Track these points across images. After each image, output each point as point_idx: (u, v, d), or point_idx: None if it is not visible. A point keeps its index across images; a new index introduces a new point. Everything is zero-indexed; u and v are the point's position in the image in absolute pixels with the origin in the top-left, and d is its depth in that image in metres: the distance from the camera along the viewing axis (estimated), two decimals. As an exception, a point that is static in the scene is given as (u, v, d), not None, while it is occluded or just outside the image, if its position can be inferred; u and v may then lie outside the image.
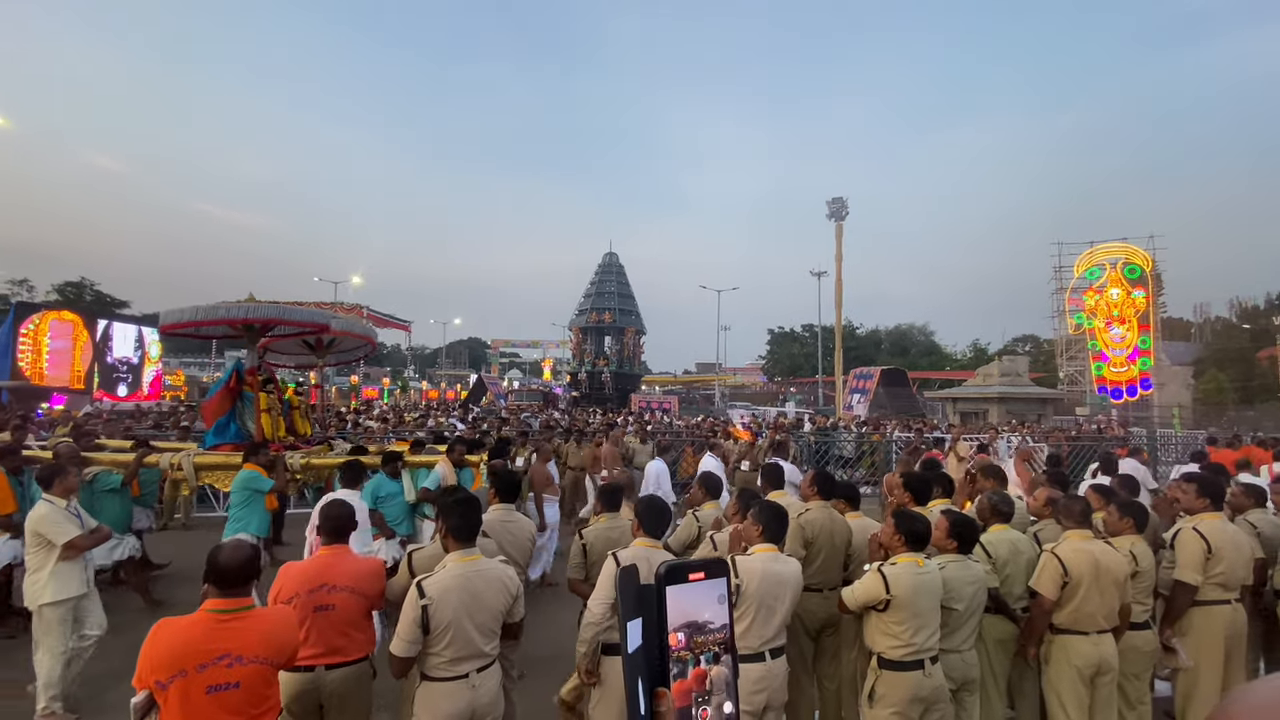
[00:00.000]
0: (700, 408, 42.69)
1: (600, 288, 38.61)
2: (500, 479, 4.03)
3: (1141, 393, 29.14)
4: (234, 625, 2.25)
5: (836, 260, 27.22)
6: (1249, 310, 53.28)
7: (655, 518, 3.11)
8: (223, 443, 6.26)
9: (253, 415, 6.33)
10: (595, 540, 3.54)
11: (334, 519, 3.06)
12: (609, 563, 2.90)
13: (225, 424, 6.34)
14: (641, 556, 2.83)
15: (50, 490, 4.08)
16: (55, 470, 4.21)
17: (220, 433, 6.32)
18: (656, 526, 3.12)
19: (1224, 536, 3.57)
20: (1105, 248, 30.05)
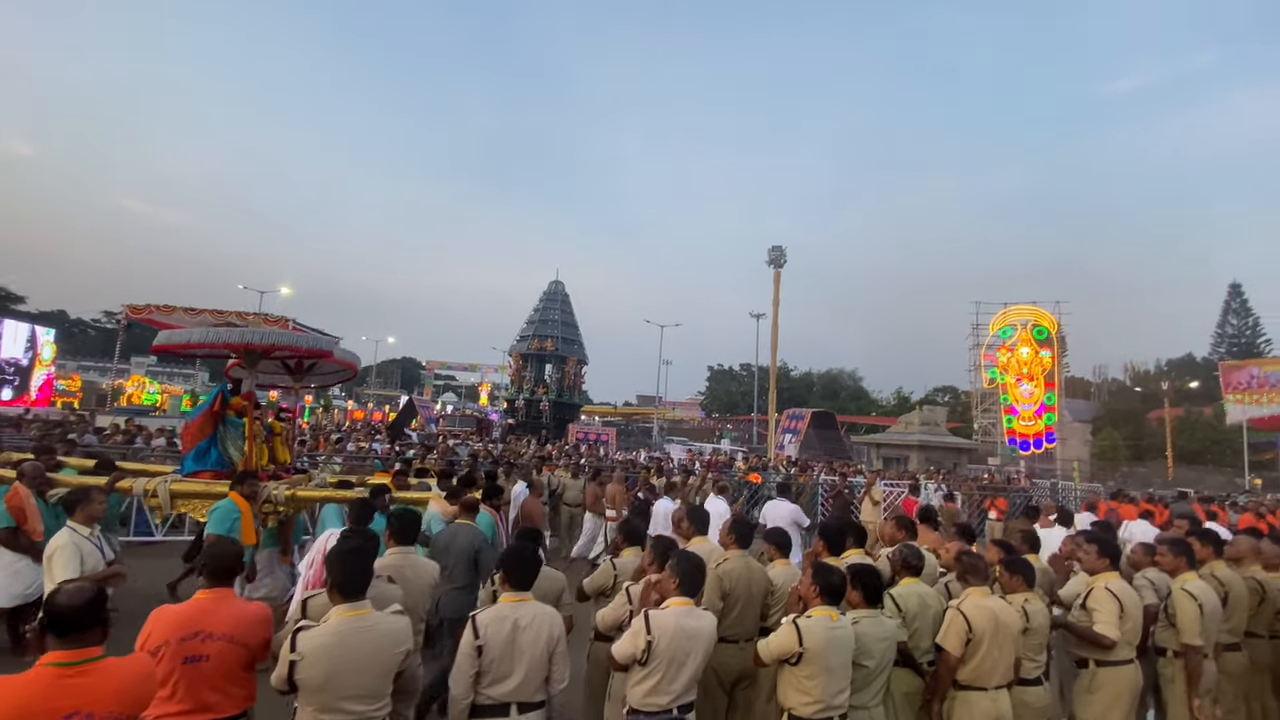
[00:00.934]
0: (638, 440, 42.68)
1: (544, 314, 38.33)
2: (398, 519, 3.84)
3: (1047, 446, 31.29)
4: (80, 680, 1.98)
5: (774, 305, 28.24)
6: (1141, 374, 58.61)
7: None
8: (203, 469, 5.91)
9: (235, 441, 6.05)
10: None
11: (218, 557, 2.80)
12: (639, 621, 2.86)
13: (206, 449, 5.99)
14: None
15: (74, 517, 3.89)
16: (80, 495, 4.02)
17: (200, 459, 5.96)
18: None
19: (1129, 596, 3.76)
20: (1017, 309, 32.49)
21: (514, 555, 3.06)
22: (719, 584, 3.55)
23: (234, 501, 4.88)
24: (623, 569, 3.95)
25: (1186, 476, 33.47)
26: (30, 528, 4.74)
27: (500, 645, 2.71)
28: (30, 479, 4.85)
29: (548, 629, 2.80)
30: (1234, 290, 53.85)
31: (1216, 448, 39.63)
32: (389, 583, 3.31)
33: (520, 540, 3.49)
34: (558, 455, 17.01)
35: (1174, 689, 3.92)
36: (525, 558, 3.02)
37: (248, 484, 5.11)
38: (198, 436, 6.04)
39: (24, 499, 4.77)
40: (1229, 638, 4.15)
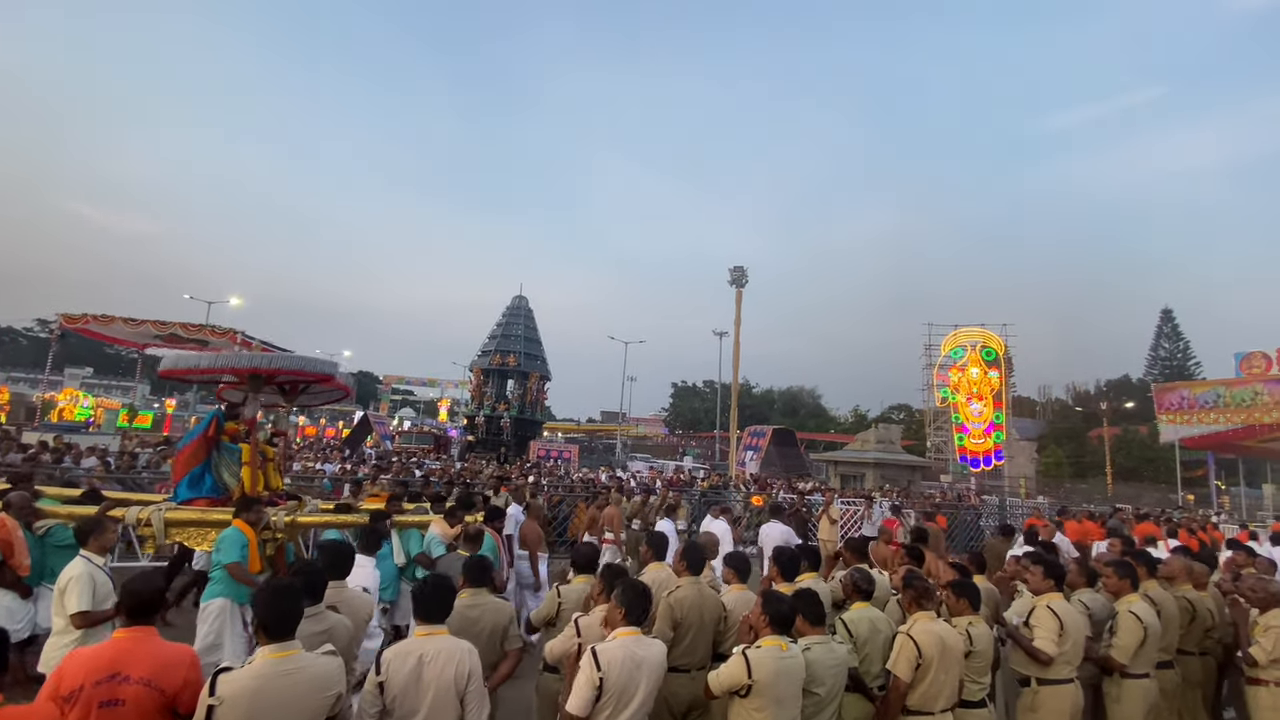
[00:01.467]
0: (601, 458, 42.38)
1: (507, 329, 37.93)
2: (329, 552, 3.68)
3: (996, 463, 32.40)
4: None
5: (735, 324, 28.56)
6: (1082, 394, 61.53)
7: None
8: (197, 496, 5.71)
9: (230, 467, 5.89)
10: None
11: (137, 594, 2.60)
12: (587, 660, 2.72)
13: (200, 476, 5.81)
14: None
15: (87, 546, 3.81)
16: (94, 525, 3.94)
17: (195, 485, 5.77)
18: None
19: (1070, 616, 3.86)
20: (966, 331, 33.76)
21: (425, 586, 2.91)
22: (671, 613, 3.50)
23: (240, 529, 4.75)
24: (568, 597, 3.85)
25: (1124, 493, 35.07)
26: (16, 562, 4.48)
27: (403, 682, 2.58)
28: (18, 510, 4.62)
29: (455, 664, 2.65)
30: (1166, 316, 57.19)
31: (1151, 465, 41.75)
32: (334, 611, 3.17)
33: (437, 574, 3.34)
34: (518, 474, 16.72)
35: (1118, 709, 4.03)
36: (437, 588, 2.89)
37: (253, 510, 4.96)
38: (190, 462, 5.83)
39: (11, 531, 4.49)
40: (1162, 656, 4.30)
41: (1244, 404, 16.32)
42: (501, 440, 35.10)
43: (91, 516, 4.33)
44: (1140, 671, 4.01)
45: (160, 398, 55.28)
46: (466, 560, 3.67)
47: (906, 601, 3.61)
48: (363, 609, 3.56)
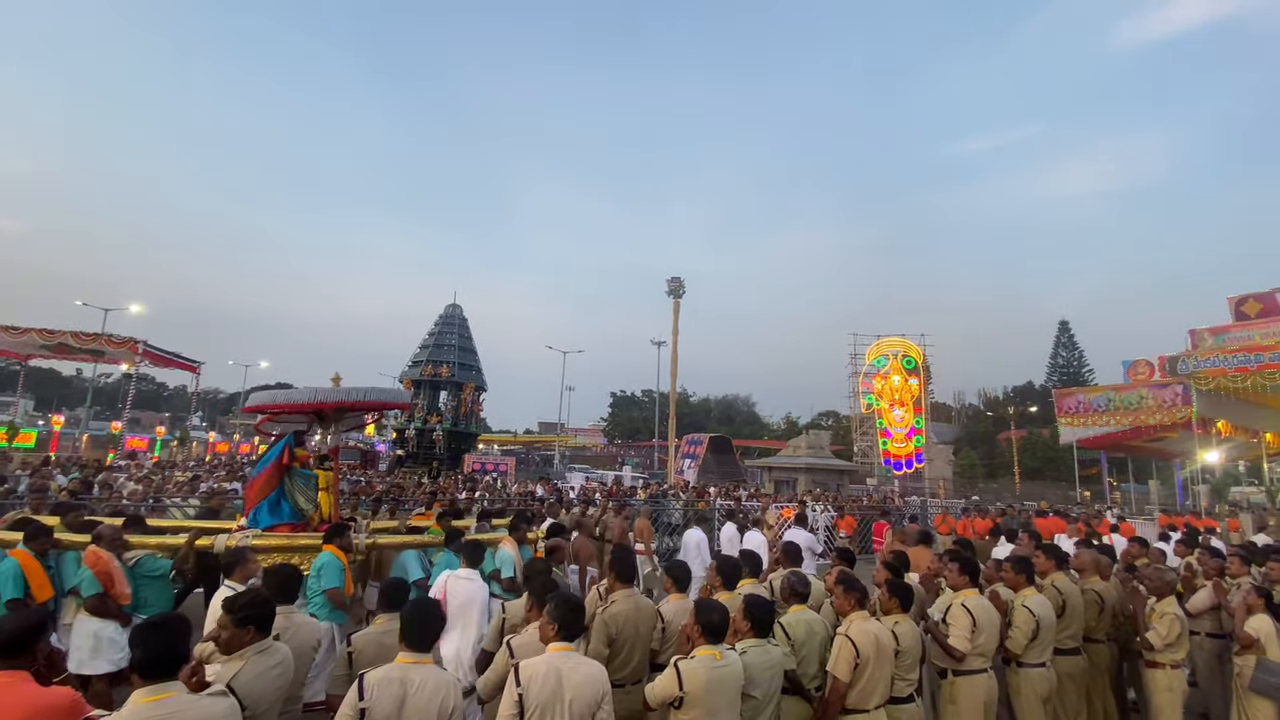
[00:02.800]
0: (539, 470, 41.67)
1: (440, 339, 36.71)
2: (273, 576, 3.43)
3: (917, 466, 34.14)
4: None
5: (673, 334, 28.96)
6: (992, 400, 65.88)
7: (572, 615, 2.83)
8: (279, 523, 5.84)
9: (305, 493, 6.05)
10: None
11: (10, 631, 2.30)
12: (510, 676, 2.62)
13: (276, 502, 5.93)
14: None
15: (231, 577, 3.97)
16: (238, 557, 4.11)
17: (275, 512, 5.90)
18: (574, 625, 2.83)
19: (983, 611, 4.05)
20: (888, 341, 35.54)
21: (415, 610, 2.78)
22: (605, 629, 3.44)
23: (335, 555, 4.90)
24: (512, 613, 3.71)
25: (1030, 491, 37.79)
26: (118, 591, 4.55)
27: (386, 711, 2.45)
28: (109, 541, 4.67)
29: (441, 697, 2.55)
30: (1063, 327, 62.18)
31: (1053, 465, 45.21)
32: (274, 639, 2.94)
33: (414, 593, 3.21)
34: (450, 488, 16.17)
35: (1020, 698, 4.27)
36: (425, 614, 2.76)
37: (345, 536, 5.11)
38: (265, 489, 5.91)
39: (108, 562, 4.56)
40: (1070, 643, 4.60)
41: (1131, 407, 17.91)
42: (434, 454, 33.83)
43: (234, 549, 4.49)
44: (1036, 661, 4.25)
45: (46, 414, 49.90)
46: (383, 586, 3.51)
47: (841, 602, 3.69)
48: (311, 637, 3.32)
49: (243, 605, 2.76)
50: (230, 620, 2.69)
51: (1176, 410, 16.74)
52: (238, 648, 2.68)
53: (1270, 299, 16.86)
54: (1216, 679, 5.27)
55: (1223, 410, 17.56)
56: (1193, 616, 5.21)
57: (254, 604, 2.80)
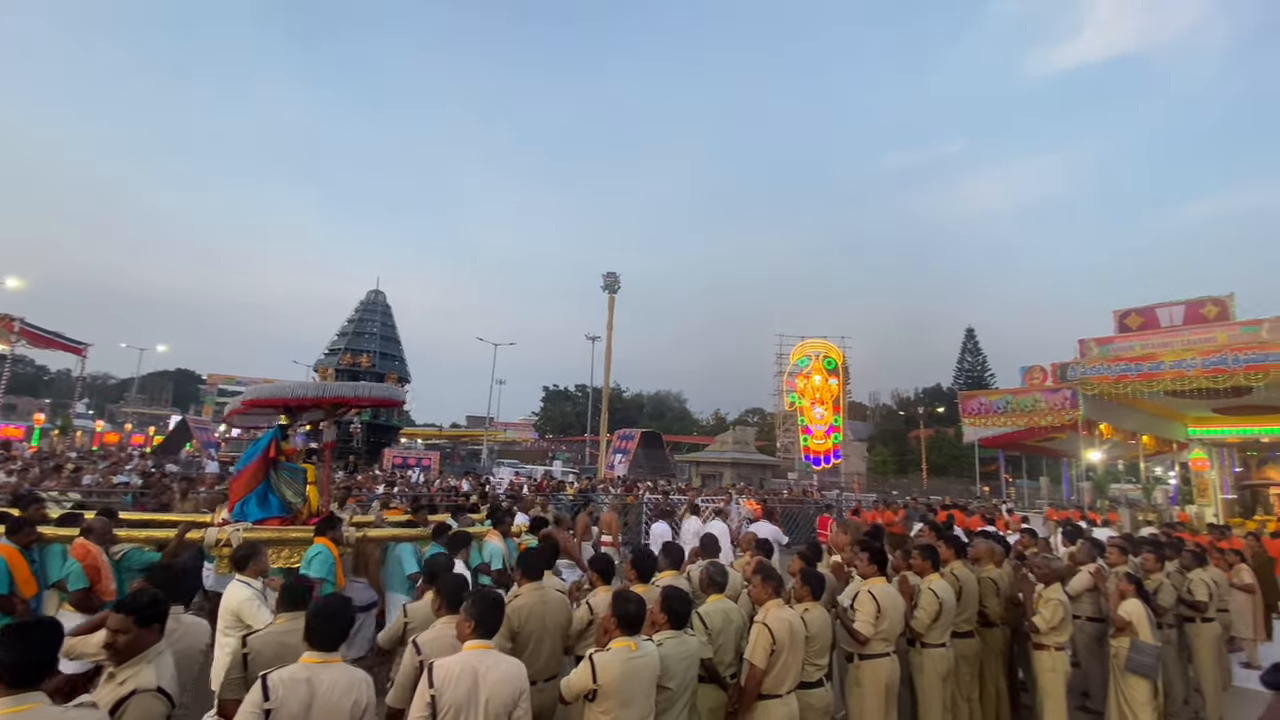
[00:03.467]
0: (466, 465, 40.57)
1: (361, 327, 35.04)
2: (164, 573, 3.13)
3: (835, 461, 35.69)
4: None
5: (608, 329, 28.89)
6: (905, 400, 69.84)
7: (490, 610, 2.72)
8: (268, 516, 5.82)
9: (293, 486, 6.04)
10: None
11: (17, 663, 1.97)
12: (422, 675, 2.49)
13: (264, 495, 5.92)
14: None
15: (245, 571, 3.99)
16: (251, 551, 4.13)
17: (263, 505, 5.89)
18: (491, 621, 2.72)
19: (888, 598, 4.23)
20: (812, 342, 36.92)
21: (322, 610, 2.61)
22: (508, 623, 3.36)
23: (326, 547, 4.88)
24: (415, 616, 3.54)
25: (936, 486, 40.39)
26: (103, 587, 4.43)
27: (293, 713, 2.30)
28: (99, 535, 4.59)
29: (354, 698, 2.41)
30: (969, 334, 66.65)
31: (957, 462, 48.50)
32: None
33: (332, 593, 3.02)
34: (367, 484, 15.43)
35: (922, 676, 4.52)
36: (332, 612, 2.59)
37: (337, 529, 5.13)
38: (251, 483, 5.90)
39: (97, 556, 4.47)
40: (965, 626, 4.91)
41: (1026, 409, 19.41)
42: (351, 448, 32.29)
43: (247, 542, 4.49)
44: (937, 642, 4.52)
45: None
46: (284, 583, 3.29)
47: (758, 591, 3.77)
48: (199, 640, 3.07)
49: (147, 603, 2.51)
50: (133, 621, 2.43)
51: (1065, 413, 18.29)
52: (141, 649, 2.44)
53: (1150, 313, 18.66)
54: (1096, 659, 5.76)
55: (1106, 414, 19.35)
56: (1074, 599, 5.68)
57: (157, 601, 2.56)
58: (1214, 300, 17.61)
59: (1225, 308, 17.36)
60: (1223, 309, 17.39)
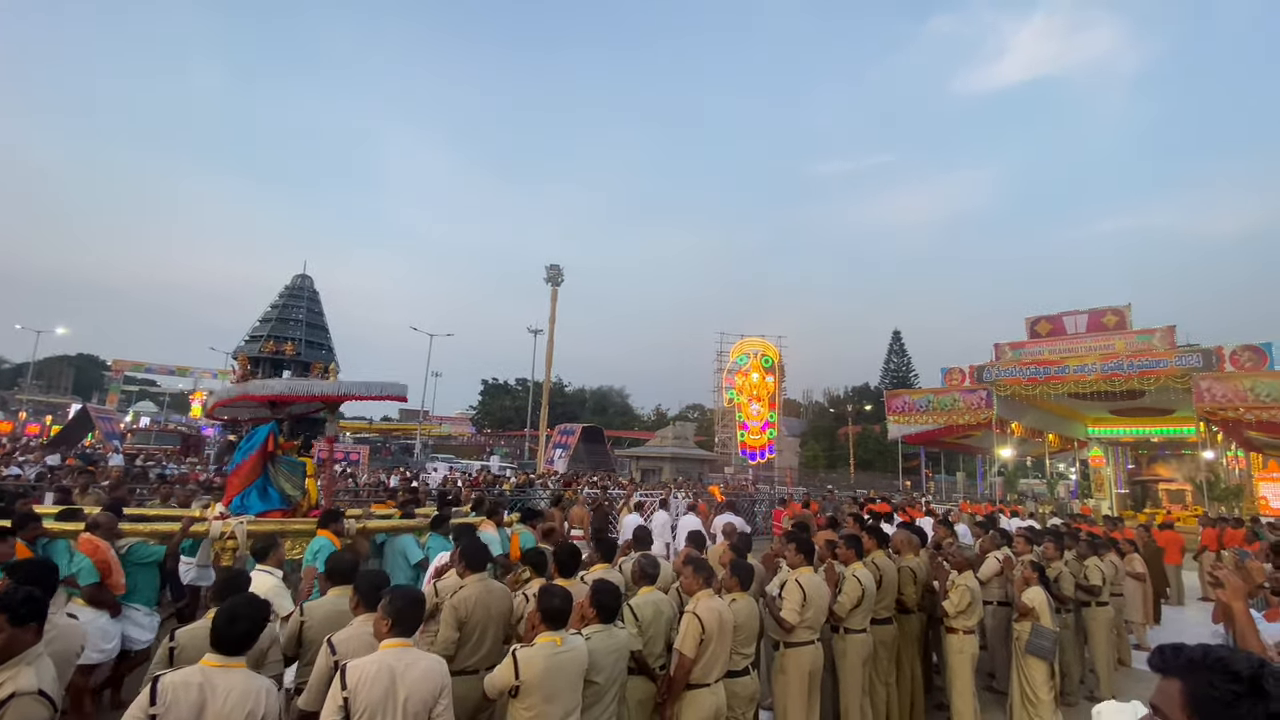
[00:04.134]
0: (398, 459, 39.21)
1: (285, 313, 33.14)
2: (31, 568, 2.84)
3: (769, 456, 36.69)
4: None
5: (550, 322, 28.51)
6: (835, 398, 72.47)
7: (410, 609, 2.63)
8: (270, 509, 5.95)
9: (291, 479, 6.19)
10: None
11: None
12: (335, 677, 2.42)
13: (263, 488, 6.03)
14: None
15: (265, 561, 4.16)
16: (270, 542, 4.33)
17: (264, 498, 6.01)
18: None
19: (814, 586, 4.36)
20: (750, 341, 37.77)
21: (229, 609, 2.43)
22: (454, 614, 3.28)
23: (329, 539, 4.95)
24: (312, 615, 3.34)
25: (863, 480, 42.22)
26: (114, 581, 4.57)
27: (180, 717, 2.15)
28: (106, 530, 4.69)
29: (249, 707, 2.26)
30: (895, 336, 69.88)
31: (882, 458, 50.83)
32: None
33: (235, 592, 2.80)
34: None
35: (844, 661, 4.70)
36: (239, 614, 2.43)
37: (339, 521, 5.22)
38: (250, 476, 5.96)
39: (106, 551, 4.60)
40: (884, 613, 5.12)
41: (946, 408, 20.52)
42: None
43: (265, 534, 4.71)
44: (859, 628, 4.71)
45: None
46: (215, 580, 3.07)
47: (689, 582, 3.78)
48: (74, 643, 2.84)
49: (21, 601, 2.27)
50: (6, 620, 2.20)
51: (981, 412, 19.46)
52: (18, 651, 2.22)
53: (1058, 321, 20.08)
54: (1001, 642, 6.14)
55: (1016, 413, 20.72)
56: (983, 584, 6.03)
57: (33, 599, 2.32)
58: (1114, 310, 19.12)
59: (1124, 317, 18.87)
60: (1121, 318, 18.90)
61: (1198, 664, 1.03)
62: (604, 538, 4.75)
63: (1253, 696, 0.96)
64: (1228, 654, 1.03)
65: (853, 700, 4.63)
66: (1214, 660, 1.02)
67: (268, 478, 6.04)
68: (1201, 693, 1.01)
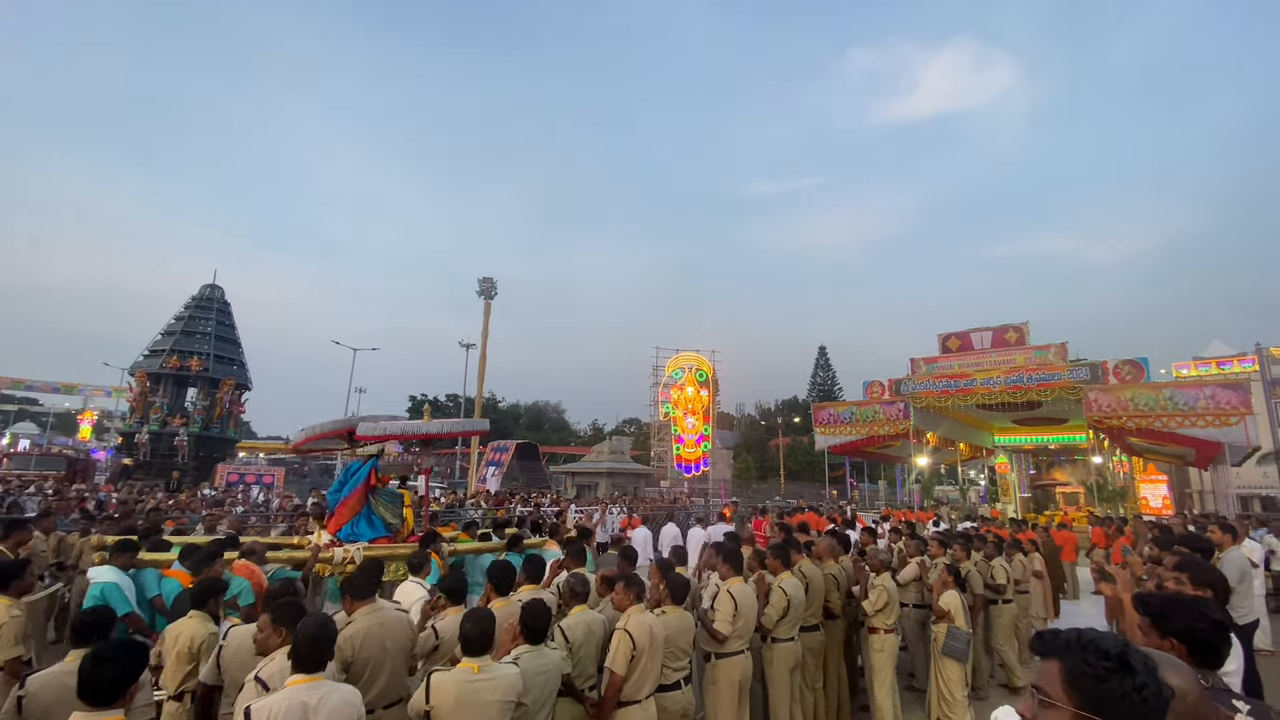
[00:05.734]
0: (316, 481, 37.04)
1: (192, 326, 30.79)
2: None
3: (704, 469, 37.22)
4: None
5: (483, 336, 27.81)
6: (766, 411, 74.58)
7: None
8: (379, 536, 6.44)
9: (390, 508, 6.68)
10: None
11: None
12: None
13: (369, 517, 6.54)
14: None
15: (417, 575, 4.67)
16: (423, 559, 4.93)
17: (373, 526, 6.52)
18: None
19: (744, 596, 4.42)
20: (686, 355, 38.41)
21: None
22: (339, 653, 3.08)
23: (434, 559, 5.35)
24: (230, 642, 3.10)
25: (792, 490, 43.48)
26: None
27: None
28: (259, 556, 5.02)
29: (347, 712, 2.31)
30: (821, 351, 72.84)
31: (810, 468, 52.59)
32: None
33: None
34: (191, 503, 13.54)
35: (773, 670, 4.78)
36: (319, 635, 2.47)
37: (439, 544, 5.86)
38: (357, 507, 6.47)
39: (260, 575, 4.84)
40: (811, 620, 5.26)
41: (868, 419, 21.51)
42: (176, 463, 28.21)
43: (419, 552, 5.22)
44: (786, 636, 4.80)
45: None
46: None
47: (620, 598, 3.76)
48: None
49: None
50: None
51: (899, 423, 20.52)
52: None
53: (966, 337, 21.54)
54: (920, 643, 6.44)
55: (931, 424, 21.97)
56: (902, 586, 6.32)
57: None
58: (1014, 327, 20.69)
59: (1023, 334, 20.46)
60: (1021, 335, 20.48)
61: (1073, 645, 1.14)
62: (533, 557, 4.64)
63: (1121, 671, 1.06)
64: (1098, 635, 1.15)
65: (781, 708, 4.72)
66: (1087, 641, 1.14)
67: (370, 508, 6.58)
68: (1077, 670, 1.11)
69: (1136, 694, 1.06)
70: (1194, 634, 1.85)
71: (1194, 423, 15.81)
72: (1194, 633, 1.85)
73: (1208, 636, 1.85)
